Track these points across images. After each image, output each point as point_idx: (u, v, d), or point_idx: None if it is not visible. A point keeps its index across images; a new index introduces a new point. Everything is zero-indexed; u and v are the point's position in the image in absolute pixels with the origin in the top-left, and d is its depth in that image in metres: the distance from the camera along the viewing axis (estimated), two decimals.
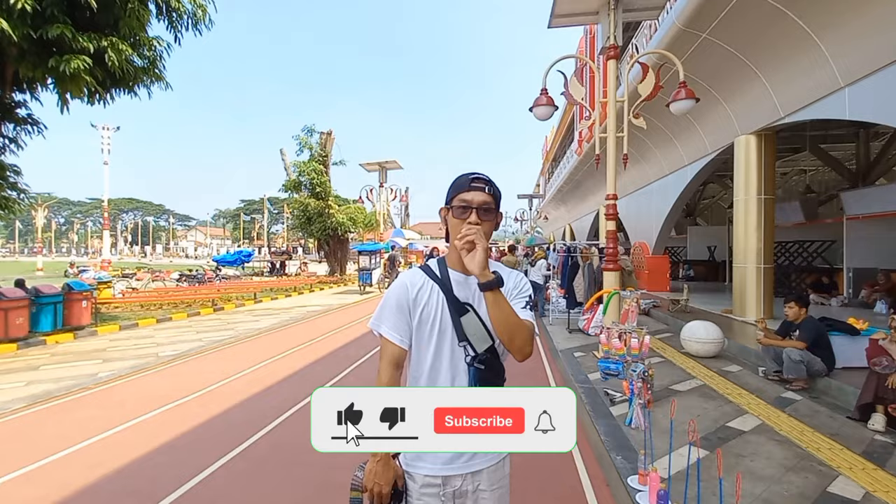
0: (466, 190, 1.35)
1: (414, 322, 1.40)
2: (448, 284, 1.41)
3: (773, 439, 3.61)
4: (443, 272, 1.43)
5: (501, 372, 1.40)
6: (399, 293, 1.41)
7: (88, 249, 75.31)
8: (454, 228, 1.37)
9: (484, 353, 1.35)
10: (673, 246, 20.14)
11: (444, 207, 1.44)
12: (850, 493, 2.80)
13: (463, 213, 1.34)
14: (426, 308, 1.40)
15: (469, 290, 1.41)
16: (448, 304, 1.39)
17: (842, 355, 4.95)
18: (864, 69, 5.89)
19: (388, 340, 1.39)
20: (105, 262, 23.17)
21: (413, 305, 1.40)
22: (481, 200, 1.34)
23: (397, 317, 1.40)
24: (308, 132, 22.87)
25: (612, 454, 3.40)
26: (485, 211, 1.34)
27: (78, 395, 5.24)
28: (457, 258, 1.40)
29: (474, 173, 1.38)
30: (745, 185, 8.84)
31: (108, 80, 7.54)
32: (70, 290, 8.60)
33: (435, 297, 1.40)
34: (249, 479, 3.25)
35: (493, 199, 1.37)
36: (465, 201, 1.34)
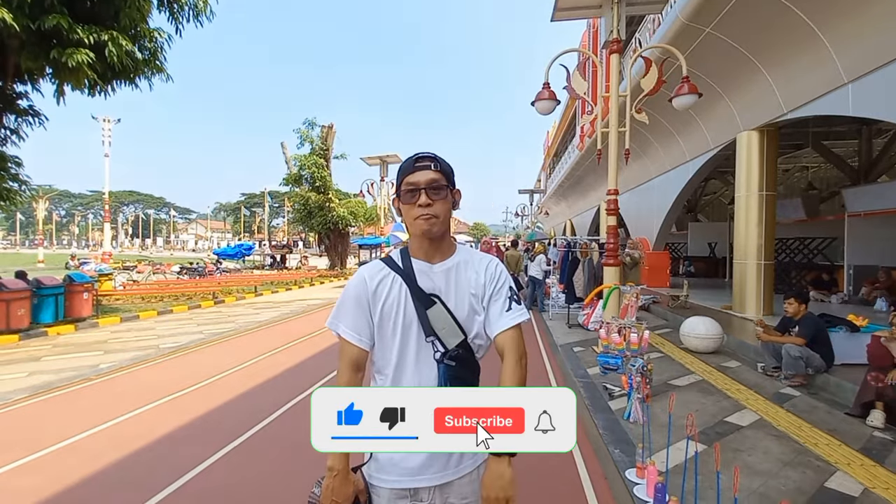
0: (412, 171, 1.26)
1: (375, 318, 1.30)
2: (411, 275, 1.30)
3: (771, 434, 3.62)
4: (405, 262, 1.32)
5: (476, 369, 1.31)
6: (357, 288, 1.31)
7: (89, 242, 75.43)
8: (406, 214, 1.28)
9: (455, 349, 1.26)
10: (673, 242, 20.16)
11: (394, 198, 1.34)
12: (849, 489, 2.80)
13: (412, 197, 1.25)
14: (387, 302, 1.29)
15: (435, 280, 1.30)
16: (412, 297, 1.28)
17: (841, 351, 4.96)
18: (868, 65, 5.86)
19: (346, 341, 1.30)
20: (106, 255, 23.21)
21: (373, 300, 1.30)
22: (428, 179, 1.24)
23: (356, 314, 1.30)
24: (309, 125, 22.83)
25: (610, 448, 3.42)
26: (434, 190, 1.24)
27: (79, 386, 5.27)
28: (417, 246, 1.32)
29: (420, 153, 1.29)
30: (746, 182, 8.82)
31: (108, 72, 7.51)
32: (71, 281, 8.62)
33: (397, 290, 1.29)
34: (249, 471, 3.27)
35: (443, 175, 1.27)
36: (411, 184, 1.25)
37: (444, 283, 1.30)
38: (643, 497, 2.72)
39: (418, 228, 1.27)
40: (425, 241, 1.30)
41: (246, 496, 2.96)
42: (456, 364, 1.24)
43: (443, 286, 1.30)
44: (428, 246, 1.31)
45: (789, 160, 15.16)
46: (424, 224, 1.25)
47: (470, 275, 1.33)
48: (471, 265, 1.34)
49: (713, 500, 2.45)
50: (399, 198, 1.29)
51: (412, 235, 1.32)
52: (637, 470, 2.97)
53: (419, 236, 1.30)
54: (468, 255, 1.36)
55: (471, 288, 1.31)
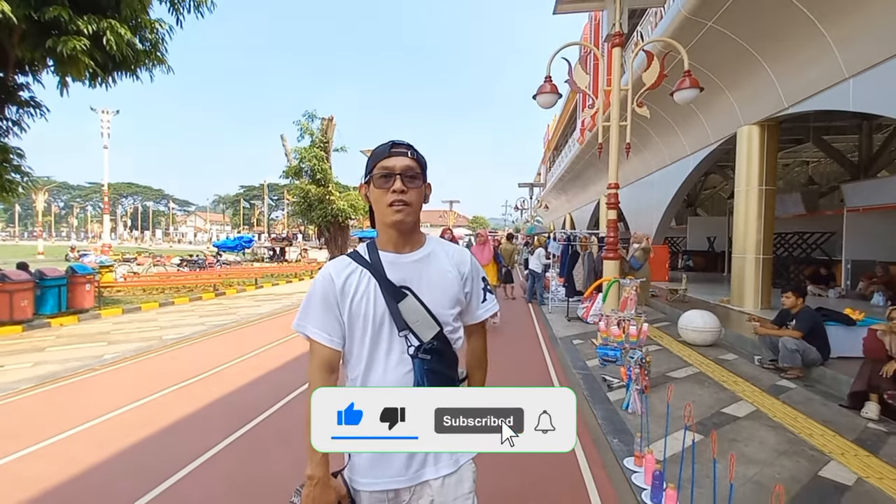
0: (387, 156, 1.21)
1: (344, 316, 1.23)
2: (379, 268, 1.24)
3: (767, 425, 3.69)
4: (372, 255, 1.26)
5: (454, 361, 1.28)
6: (324, 286, 1.24)
7: (88, 234, 75.33)
8: (378, 201, 1.22)
9: (430, 342, 1.22)
10: (673, 236, 20.19)
11: (363, 183, 1.28)
12: (842, 478, 2.87)
13: (386, 182, 1.19)
14: (356, 298, 1.23)
15: (405, 272, 1.25)
16: (381, 290, 1.22)
17: (837, 345, 5.03)
18: (869, 60, 5.88)
19: (315, 342, 1.24)
20: (105, 247, 23.22)
21: (341, 297, 1.23)
22: (404, 165, 1.20)
23: (324, 313, 1.24)
24: (309, 118, 22.68)
25: (608, 437, 3.48)
26: (410, 177, 1.20)
27: (84, 376, 5.33)
28: (387, 238, 1.26)
29: (395, 139, 1.24)
30: (746, 176, 8.85)
31: (109, 62, 7.50)
32: (73, 273, 8.66)
33: (365, 284, 1.23)
34: (253, 460, 3.33)
35: (418, 164, 1.23)
36: (386, 168, 1.20)
37: (416, 275, 1.25)
38: (641, 484, 2.78)
39: (390, 217, 1.21)
40: (395, 231, 1.24)
41: (251, 484, 3.02)
42: (431, 357, 1.21)
43: (414, 277, 1.25)
44: (397, 237, 1.25)
45: (789, 155, 15.17)
46: (397, 212, 1.19)
47: (443, 265, 1.29)
48: (442, 256, 1.30)
49: (709, 487, 2.52)
50: (370, 183, 1.23)
51: (381, 225, 1.26)
52: (635, 458, 3.04)
53: (389, 226, 1.23)
54: (438, 245, 1.32)
55: (445, 279, 1.27)
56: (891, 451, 3.24)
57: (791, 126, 10.46)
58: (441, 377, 1.22)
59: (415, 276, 1.25)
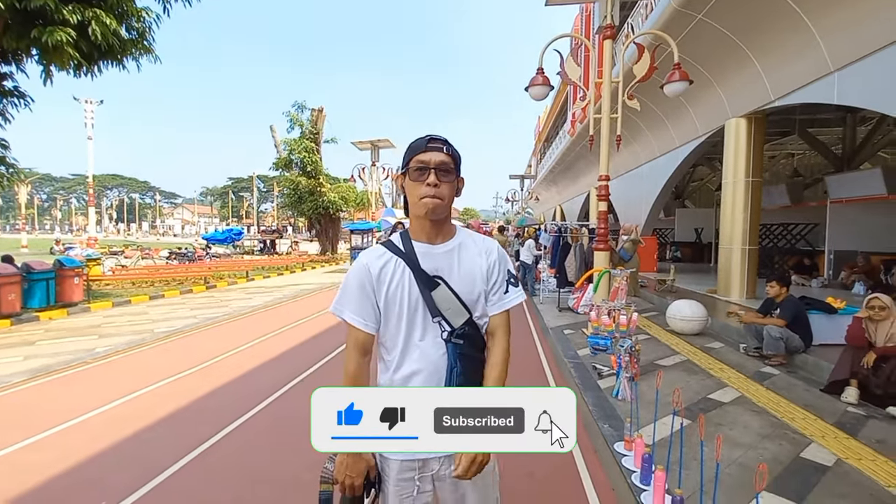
0: (423, 151, 1.26)
1: (381, 303, 1.30)
2: (413, 257, 1.30)
3: (751, 410, 3.81)
4: (406, 245, 1.32)
5: (483, 345, 1.35)
6: (360, 274, 1.31)
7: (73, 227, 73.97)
8: (412, 192, 1.28)
9: (461, 328, 1.29)
10: (661, 228, 20.42)
11: (398, 174, 1.35)
12: (823, 460, 2.98)
13: (421, 175, 1.25)
14: (391, 285, 1.30)
15: (438, 262, 1.31)
16: (416, 279, 1.29)
17: (819, 332, 5.18)
18: (854, 54, 5.99)
19: (352, 326, 1.32)
20: (91, 240, 22.86)
21: (377, 284, 1.30)
22: (439, 160, 1.25)
23: (360, 299, 1.31)
24: (299, 109, 22.51)
25: (599, 423, 3.58)
26: (444, 172, 1.25)
27: (77, 369, 5.31)
28: (419, 228, 1.33)
29: (431, 134, 1.30)
30: (733, 168, 8.99)
31: (94, 52, 7.37)
32: (62, 266, 8.56)
33: (400, 273, 1.30)
34: (250, 451, 3.37)
35: (452, 159, 1.28)
36: (422, 162, 1.25)
37: (447, 265, 1.31)
38: (631, 467, 2.88)
39: (422, 208, 1.26)
40: (427, 222, 1.30)
41: (248, 475, 3.05)
42: (463, 342, 1.28)
43: (445, 267, 1.31)
44: (430, 228, 1.31)
45: (776, 147, 15.40)
46: (430, 203, 1.25)
47: (473, 256, 1.35)
48: (472, 247, 1.36)
49: (696, 469, 2.62)
50: (406, 174, 1.30)
51: (414, 217, 1.32)
52: (625, 443, 3.13)
53: (422, 217, 1.29)
54: (468, 237, 1.38)
55: (474, 269, 1.33)
56: (869, 434, 3.37)
57: (777, 119, 10.63)
58: (473, 360, 1.29)
59: (446, 266, 1.31)
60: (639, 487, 2.66)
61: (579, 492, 2.86)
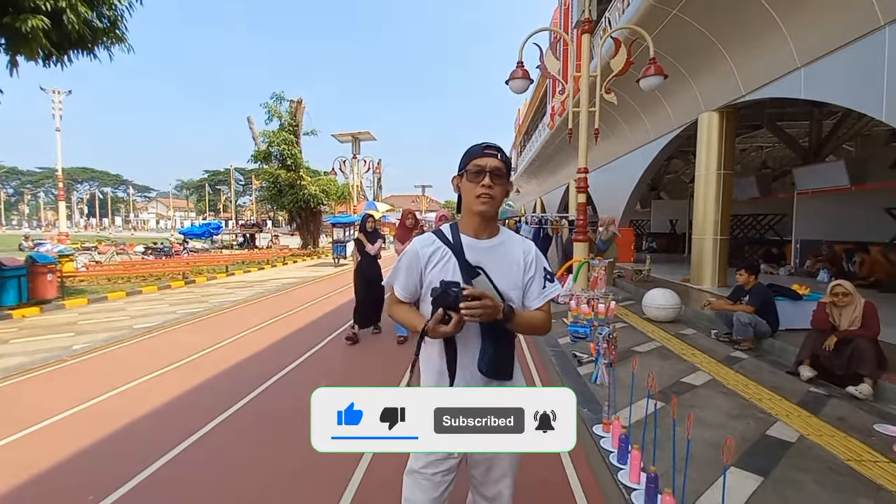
0: (480, 156, 1.44)
1: (425, 282, 1.50)
2: (460, 248, 1.48)
3: (721, 392, 4.02)
4: (455, 237, 1.51)
5: (513, 334, 1.48)
6: (410, 257, 1.53)
7: (42, 222, 71.27)
8: (468, 192, 1.47)
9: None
10: (637, 219, 20.87)
11: (456, 176, 1.53)
12: (787, 436, 3.18)
13: (477, 177, 1.43)
14: (436, 269, 1.47)
15: (480, 255, 1.48)
16: (460, 267, 1.45)
17: (785, 318, 5.45)
18: (819, 51, 6.23)
19: (396, 296, 1.58)
20: (62, 235, 22.13)
21: (425, 267, 1.50)
22: (494, 166, 1.42)
23: (407, 276, 1.53)
24: (277, 100, 22.10)
25: (579, 407, 3.71)
26: (497, 176, 1.43)
27: (54, 366, 5.20)
28: (468, 223, 1.51)
29: (487, 142, 1.48)
30: (706, 161, 9.26)
31: (65, 41, 7.13)
32: (34, 262, 8.31)
33: (446, 260, 1.48)
34: (237, 443, 3.40)
35: (505, 165, 1.45)
36: (478, 166, 1.43)
37: (488, 258, 1.47)
38: (609, 448, 3.02)
39: (477, 206, 1.44)
40: (477, 218, 1.48)
41: (235, 467, 3.09)
42: (497, 326, 1.40)
43: (487, 260, 1.47)
44: (478, 224, 1.50)
45: (746, 140, 15.84)
46: (483, 203, 1.43)
47: (512, 253, 1.51)
48: (513, 246, 1.54)
49: (670, 448, 2.77)
50: (463, 176, 1.47)
51: (466, 212, 1.50)
52: (603, 425, 3.28)
53: (474, 214, 1.47)
54: (510, 236, 1.56)
55: (512, 264, 1.50)
56: (829, 412, 3.60)
57: (748, 112, 10.95)
58: (505, 343, 1.45)
59: (487, 259, 1.47)
60: (616, 466, 2.81)
61: (559, 471, 2.99)
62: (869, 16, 5.30)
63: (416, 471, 1.49)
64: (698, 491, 2.51)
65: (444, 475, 1.47)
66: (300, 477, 2.93)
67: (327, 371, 5.12)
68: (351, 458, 3.08)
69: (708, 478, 2.63)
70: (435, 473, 1.46)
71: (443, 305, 1.35)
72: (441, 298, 1.35)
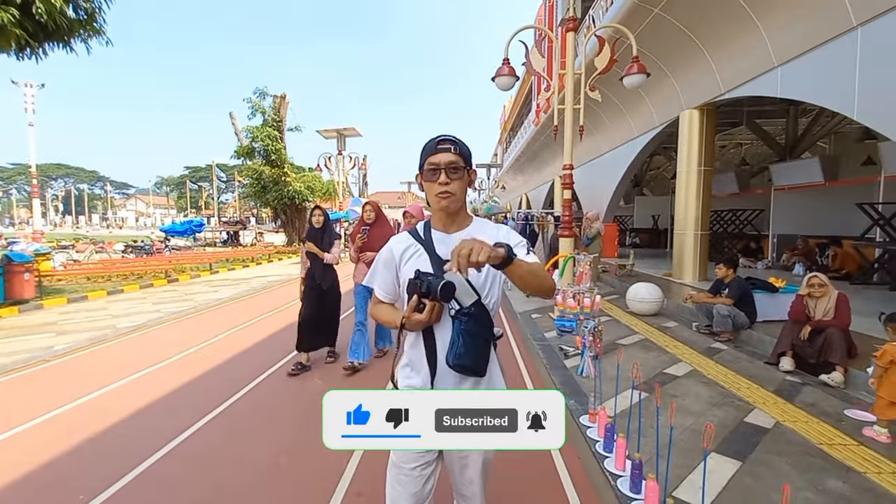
0: (434, 153, 1.42)
1: (401, 279, 1.53)
2: (430, 243, 1.50)
3: (701, 382, 4.16)
4: (426, 234, 1.53)
5: (489, 324, 1.46)
6: (386, 255, 1.57)
7: (14, 220, 69.06)
8: (428, 191, 1.47)
9: (469, 307, 1.41)
10: (621, 215, 21.15)
11: (418, 173, 1.51)
12: (763, 423, 3.32)
13: (433, 175, 1.43)
14: (409, 266, 1.50)
15: (451, 247, 1.39)
16: (430, 262, 1.47)
17: (762, 310, 5.62)
18: (795, 51, 6.41)
19: (377, 296, 1.62)
20: (37, 233, 21.52)
21: (399, 264, 1.53)
22: (448, 161, 1.41)
23: (384, 275, 1.57)
24: (260, 95, 21.81)
25: (566, 399, 3.81)
26: (453, 170, 1.42)
27: (36, 367, 5.12)
28: (437, 218, 1.54)
29: (441, 135, 1.45)
30: (687, 157, 9.46)
31: (40, 32, 6.95)
32: (10, 261, 8.10)
33: (417, 256, 1.50)
34: (227, 440, 3.41)
35: (461, 157, 1.43)
36: (433, 164, 1.42)
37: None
38: (595, 437, 3.12)
39: (437, 204, 1.47)
40: (443, 214, 1.51)
41: (228, 463, 3.11)
42: (469, 319, 1.40)
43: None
44: (445, 218, 1.52)
45: (726, 137, 16.20)
46: (443, 200, 1.45)
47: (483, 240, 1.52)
48: (484, 233, 1.49)
49: (653, 436, 2.87)
50: (421, 175, 1.48)
51: (433, 209, 1.52)
52: (589, 416, 3.38)
53: (438, 210, 1.50)
54: (483, 225, 1.55)
55: None
56: (804, 399, 3.75)
57: (728, 110, 11.21)
58: (476, 337, 1.41)
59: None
60: (602, 455, 2.90)
61: (548, 461, 3.07)
62: (842, 17, 5.47)
63: (395, 464, 1.52)
64: (681, 476, 2.62)
65: (423, 469, 1.50)
66: (291, 472, 2.95)
67: (317, 367, 5.12)
68: (343, 453, 3.11)
69: (690, 463, 2.74)
70: (413, 468, 1.49)
71: (416, 293, 1.39)
72: (413, 285, 1.39)
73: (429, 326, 1.46)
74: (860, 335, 4.60)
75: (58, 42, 7.52)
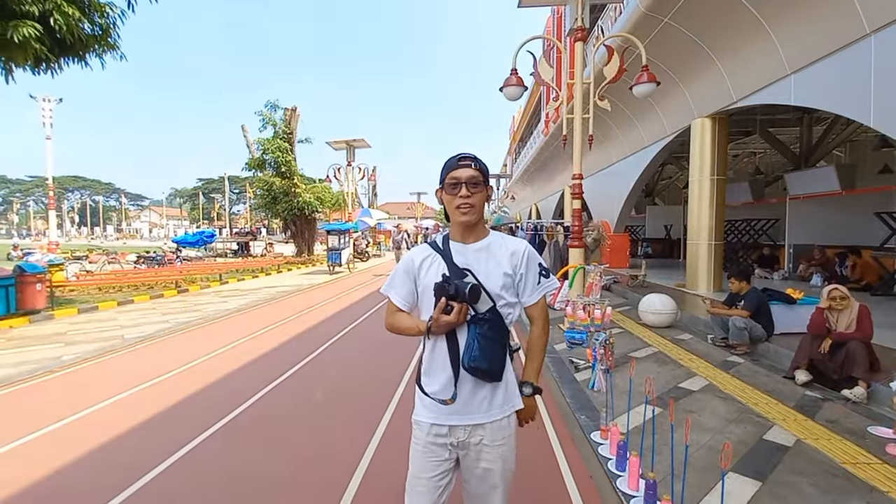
0: (456, 168, 1.51)
1: (419, 288, 1.59)
2: (448, 253, 1.56)
3: (718, 396, 4.01)
4: (445, 245, 1.59)
5: (505, 331, 1.52)
6: (406, 264, 1.62)
7: (31, 231, 70.55)
8: (449, 204, 1.54)
9: (485, 314, 1.48)
10: (632, 224, 20.94)
11: (438, 188, 1.59)
12: (784, 440, 3.17)
13: (454, 189, 1.51)
14: (428, 275, 1.55)
15: (468, 258, 1.55)
16: (448, 270, 1.53)
17: (780, 322, 5.46)
18: (809, 58, 6.32)
19: (393, 304, 1.63)
20: (52, 244, 21.89)
21: (418, 272, 1.58)
22: (468, 176, 1.50)
23: (402, 283, 1.61)
24: (272, 108, 22.09)
25: (576, 414, 3.70)
26: (473, 185, 1.50)
27: (43, 378, 5.12)
28: (455, 231, 1.59)
29: (462, 153, 1.54)
30: (699, 166, 9.33)
31: (56, 47, 7.10)
32: (22, 272, 8.19)
33: (437, 265, 1.55)
34: (233, 452, 3.35)
35: (481, 173, 1.52)
36: (454, 178, 1.50)
37: (476, 260, 1.54)
38: (606, 455, 3.00)
39: (458, 217, 1.53)
40: (462, 226, 1.56)
41: (228, 478, 3.04)
42: (486, 325, 1.46)
43: (474, 262, 1.54)
44: (464, 230, 1.57)
45: (739, 146, 16.01)
46: (463, 213, 1.52)
47: (500, 253, 1.56)
48: (501, 246, 1.59)
49: (668, 454, 2.75)
50: (443, 189, 1.55)
51: (452, 222, 1.58)
52: (601, 432, 3.26)
53: (458, 222, 1.55)
54: (499, 238, 1.61)
55: (501, 264, 1.55)
56: (825, 415, 3.59)
57: (740, 119, 11.08)
58: (492, 342, 1.47)
59: (475, 261, 1.54)
60: (614, 473, 2.78)
61: (558, 479, 2.95)
62: (855, 24, 5.38)
63: (415, 475, 1.55)
64: (697, 497, 2.49)
65: (440, 479, 1.53)
66: (297, 484, 2.88)
67: (323, 380, 5.06)
68: (347, 465, 3.04)
69: (706, 483, 2.61)
70: (432, 477, 1.52)
71: (444, 295, 1.44)
72: (441, 288, 1.45)
73: (451, 330, 1.50)
74: (883, 348, 4.43)
75: (73, 57, 7.68)
